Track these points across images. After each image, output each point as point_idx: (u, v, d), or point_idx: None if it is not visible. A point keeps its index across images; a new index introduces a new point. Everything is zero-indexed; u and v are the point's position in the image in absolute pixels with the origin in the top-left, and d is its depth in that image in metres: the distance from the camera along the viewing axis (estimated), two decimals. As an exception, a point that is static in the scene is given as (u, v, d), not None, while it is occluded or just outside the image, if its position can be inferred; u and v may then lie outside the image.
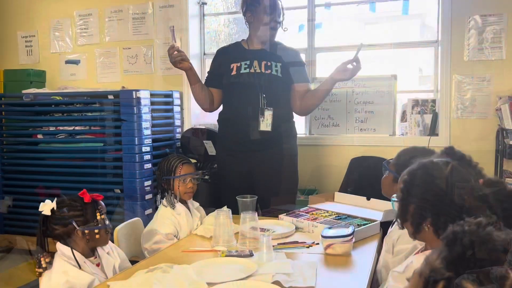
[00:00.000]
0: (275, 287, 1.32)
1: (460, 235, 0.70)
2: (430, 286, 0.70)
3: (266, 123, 2.37)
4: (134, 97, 3.06)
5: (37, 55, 4.07)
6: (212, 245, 1.77)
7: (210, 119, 3.68)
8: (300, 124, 3.35)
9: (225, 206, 1.96)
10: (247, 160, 2.43)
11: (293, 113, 2.56)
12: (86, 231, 1.52)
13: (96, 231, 1.53)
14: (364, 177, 3.02)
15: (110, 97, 3.18)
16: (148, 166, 3.14)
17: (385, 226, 1.98)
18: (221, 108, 2.64)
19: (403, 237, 1.54)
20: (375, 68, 3.36)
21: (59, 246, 1.52)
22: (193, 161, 3.32)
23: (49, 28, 4.01)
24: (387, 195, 1.74)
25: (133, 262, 1.74)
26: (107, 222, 1.58)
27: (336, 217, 2.05)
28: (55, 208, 1.51)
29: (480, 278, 0.65)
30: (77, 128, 3.29)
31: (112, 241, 1.76)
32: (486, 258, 0.66)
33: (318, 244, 1.74)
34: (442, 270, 0.69)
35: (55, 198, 1.54)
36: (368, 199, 2.24)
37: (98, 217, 1.55)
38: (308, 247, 1.73)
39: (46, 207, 1.51)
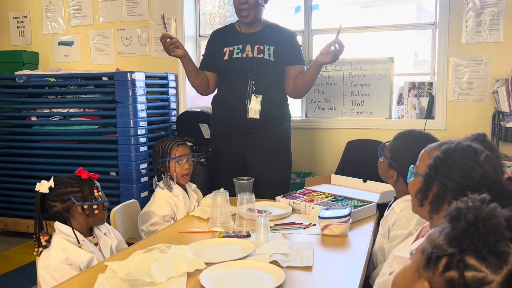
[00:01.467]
0: (273, 267, 1.32)
1: (464, 211, 0.69)
2: (433, 263, 0.70)
3: (254, 111, 2.34)
4: (128, 79, 3.02)
5: (29, 36, 4.01)
6: (209, 226, 1.77)
7: (205, 102, 3.65)
8: (296, 107, 3.34)
9: (222, 188, 1.96)
10: (240, 142, 2.41)
11: (287, 96, 2.52)
12: (85, 206, 1.52)
13: (95, 206, 1.54)
14: (360, 160, 3.02)
15: (105, 79, 3.15)
16: (143, 149, 3.12)
17: (381, 207, 1.99)
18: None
19: (399, 222, 1.54)
20: (372, 51, 3.34)
21: (58, 225, 1.52)
22: (189, 144, 3.31)
23: (41, 8, 3.94)
24: (383, 179, 1.74)
25: (129, 243, 1.74)
26: (104, 198, 1.59)
27: (332, 199, 2.05)
28: (52, 186, 1.50)
29: (484, 254, 0.65)
30: (71, 110, 3.26)
31: (109, 223, 1.75)
32: (490, 234, 0.66)
33: (315, 225, 1.75)
34: (444, 247, 0.69)
35: (52, 177, 1.54)
36: (365, 181, 2.24)
37: (96, 194, 1.56)
38: (305, 228, 1.74)
39: (43, 186, 1.50)
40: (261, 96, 2.34)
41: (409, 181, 1.24)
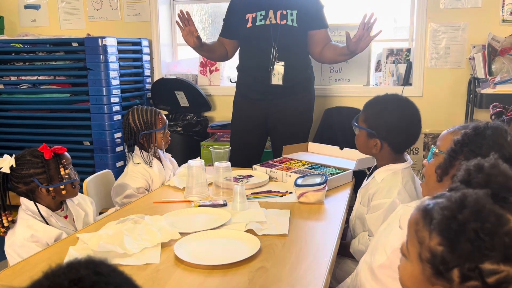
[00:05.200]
0: (248, 236, 1.32)
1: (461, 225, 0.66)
2: (443, 274, 0.68)
3: (277, 77, 2.37)
4: (100, 44, 2.90)
5: (-7, -1, 3.78)
6: (185, 196, 1.75)
7: (181, 69, 3.56)
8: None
9: (198, 157, 1.92)
10: (265, 107, 2.45)
11: (311, 59, 2.53)
12: (51, 189, 1.44)
13: (62, 186, 1.46)
14: (338, 128, 3.02)
15: (75, 44, 3.02)
16: (117, 117, 3.04)
17: (357, 174, 2.00)
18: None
19: (381, 191, 1.52)
20: (351, 16, 3.28)
21: (23, 200, 1.46)
22: (165, 112, 3.25)
23: (4, -31, 3.71)
24: (365, 152, 1.67)
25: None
26: (73, 175, 1.50)
27: (309, 166, 2.05)
28: (14, 165, 1.42)
29: (498, 259, 0.64)
30: (40, 78, 3.13)
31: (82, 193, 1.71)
32: (500, 239, 0.64)
33: (291, 193, 1.74)
34: (447, 259, 0.67)
35: (13, 155, 1.45)
36: (342, 148, 2.24)
37: (62, 172, 1.46)
38: (281, 196, 1.74)
39: (5, 163, 1.41)
40: (283, 62, 2.35)
41: (429, 162, 1.19)
